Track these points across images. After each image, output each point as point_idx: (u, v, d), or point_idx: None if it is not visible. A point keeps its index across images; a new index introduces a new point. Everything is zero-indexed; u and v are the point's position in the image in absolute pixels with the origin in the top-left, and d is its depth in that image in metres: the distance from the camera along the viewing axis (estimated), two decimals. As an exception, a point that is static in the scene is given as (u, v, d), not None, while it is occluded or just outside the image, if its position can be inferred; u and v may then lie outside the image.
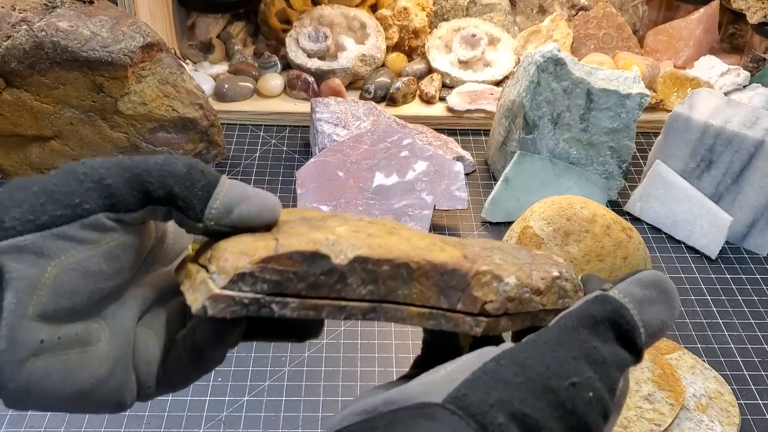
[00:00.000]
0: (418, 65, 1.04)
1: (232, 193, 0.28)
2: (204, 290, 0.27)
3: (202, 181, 0.28)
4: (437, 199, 0.77)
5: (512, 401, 0.23)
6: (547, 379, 0.23)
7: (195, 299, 0.27)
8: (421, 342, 0.35)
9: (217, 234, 0.29)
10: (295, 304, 0.27)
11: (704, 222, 0.77)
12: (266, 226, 0.29)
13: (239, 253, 0.27)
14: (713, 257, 0.76)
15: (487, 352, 0.25)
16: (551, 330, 0.25)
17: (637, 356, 0.26)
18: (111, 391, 0.28)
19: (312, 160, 0.81)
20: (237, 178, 0.86)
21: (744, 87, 0.99)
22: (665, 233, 0.80)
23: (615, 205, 0.83)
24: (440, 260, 0.27)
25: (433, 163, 0.80)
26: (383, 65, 1.04)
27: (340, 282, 0.27)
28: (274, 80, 0.99)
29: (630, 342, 0.25)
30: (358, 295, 0.27)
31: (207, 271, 0.28)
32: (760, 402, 0.61)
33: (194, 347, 0.30)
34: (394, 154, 0.80)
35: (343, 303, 0.27)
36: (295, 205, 0.80)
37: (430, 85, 1.00)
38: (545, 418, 0.23)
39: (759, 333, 0.68)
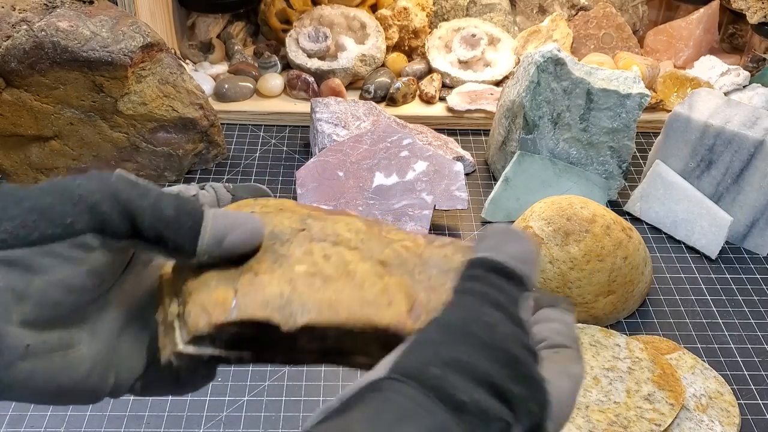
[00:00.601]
0: (418, 65, 1.04)
1: (218, 226, 0.30)
2: (171, 341, 0.30)
3: (190, 221, 0.29)
4: (437, 199, 0.77)
5: (442, 354, 0.26)
6: (465, 326, 0.26)
7: (164, 346, 0.30)
8: None
9: (210, 264, 0.31)
10: (249, 356, 0.31)
11: (704, 222, 0.77)
12: (253, 248, 0.32)
13: (201, 309, 0.30)
14: (713, 257, 0.76)
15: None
16: (451, 299, 0.28)
17: (522, 285, 0.29)
18: (87, 390, 0.30)
19: (312, 160, 0.81)
20: (237, 178, 0.86)
21: (744, 87, 0.99)
22: (665, 233, 0.80)
23: (615, 205, 0.83)
24: (384, 323, 0.30)
25: (433, 163, 0.80)
26: (383, 65, 1.04)
27: (291, 341, 0.30)
28: (274, 80, 0.99)
29: (509, 277, 0.29)
30: (307, 349, 0.31)
31: (177, 307, 0.31)
32: (760, 402, 0.61)
33: (171, 373, 0.31)
34: (394, 154, 0.80)
35: (294, 356, 0.31)
36: None
37: (430, 85, 1.00)
38: (476, 358, 0.26)
39: (759, 333, 0.68)
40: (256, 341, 0.30)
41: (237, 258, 0.31)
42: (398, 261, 0.34)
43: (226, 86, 0.98)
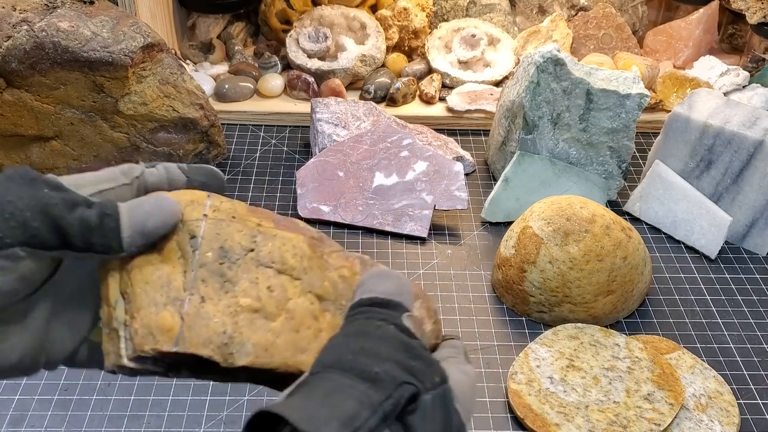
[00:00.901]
0: (418, 65, 1.04)
1: (135, 219, 0.33)
2: (115, 350, 0.33)
3: (111, 222, 0.32)
4: (437, 199, 0.78)
5: (350, 347, 0.32)
6: (361, 331, 0.33)
7: (107, 352, 0.34)
8: None
9: (140, 251, 0.34)
10: (187, 374, 0.35)
11: (704, 222, 0.77)
12: (173, 227, 0.35)
13: (147, 332, 0.33)
14: (713, 257, 0.76)
15: None
16: (344, 323, 0.35)
17: (400, 308, 0.35)
18: (20, 370, 0.33)
19: (312, 160, 0.81)
20: (237, 178, 0.86)
21: (743, 87, 0.99)
22: (665, 233, 0.80)
23: (614, 205, 0.84)
24: (305, 369, 0.35)
25: (432, 163, 0.80)
26: (383, 65, 1.04)
27: (228, 371, 0.34)
28: (275, 80, 1.00)
29: (387, 306, 0.35)
30: (242, 377, 0.35)
31: (123, 313, 0.34)
32: (759, 401, 0.61)
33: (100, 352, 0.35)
34: (394, 154, 0.80)
35: (230, 379, 0.35)
36: (295, 205, 0.80)
37: (430, 86, 1.00)
38: (377, 346, 0.32)
39: (758, 333, 0.68)
40: (196, 365, 0.34)
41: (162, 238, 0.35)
42: (334, 294, 0.38)
43: (227, 86, 0.98)
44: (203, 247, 0.35)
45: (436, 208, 0.78)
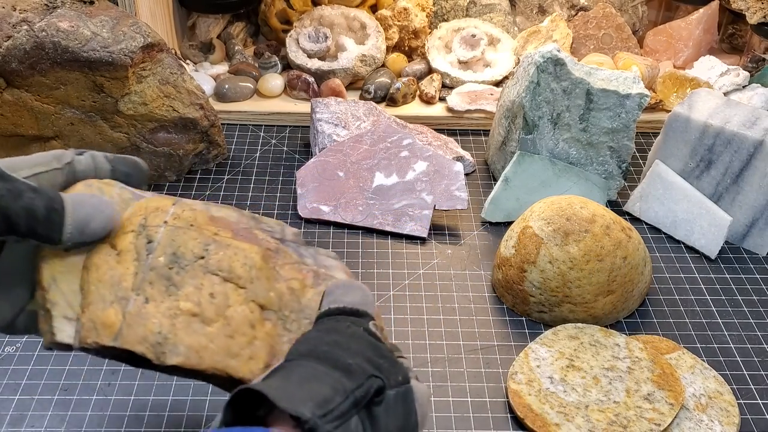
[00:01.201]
0: (418, 65, 1.04)
1: (79, 218, 0.37)
2: (49, 330, 0.37)
3: (57, 217, 0.36)
4: (437, 199, 0.78)
5: (325, 340, 0.36)
6: (332, 328, 0.38)
7: (44, 332, 0.38)
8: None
9: (75, 246, 0.38)
10: (123, 364, 0.40)
11: (704, 222, 0.77)
12: (109, 233, 0.39)
13: (92, 326, 0.37)
14: (713, 257, 0.76)
15: None
16: (314, 326, 0.39)
17: (366, 316, 0.39)
18: None
19: (312, 160, 0.81)
20: (237, 178, 0.86)
21: (743, 87, 1.00)
22: (665, 233, 0.80)
23: (614, 205, 0.84)
24: (239, 375, 0.38)
25: (433, 163, 0.80)
26: (383, 65, 1.04)
27: (162, 367, 0.38)
28: (275, 80, 1.00)
29: (353, 314, 0.39)
30: (175, 373, 0.38)
31: (55, 295, 0.38)
32: (759, 401, 0.61)
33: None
34: (394, 154, 0.80)
35: (164, 372, 0.38)
36: (295, 205, 0.80)
37: (430, 86, 1.00)
38: (349, 342, 0.36)
39: (758, 333, 0.68)
40: (134, 359, 0.38)
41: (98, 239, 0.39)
42: (278, 305, 0.40)
43: (227, 86, 0.98)
44: (157, 251, 0.39)
45: (436, 208, 0.78)
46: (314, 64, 1.00)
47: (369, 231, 0.78)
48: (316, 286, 0.42)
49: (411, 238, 0.77)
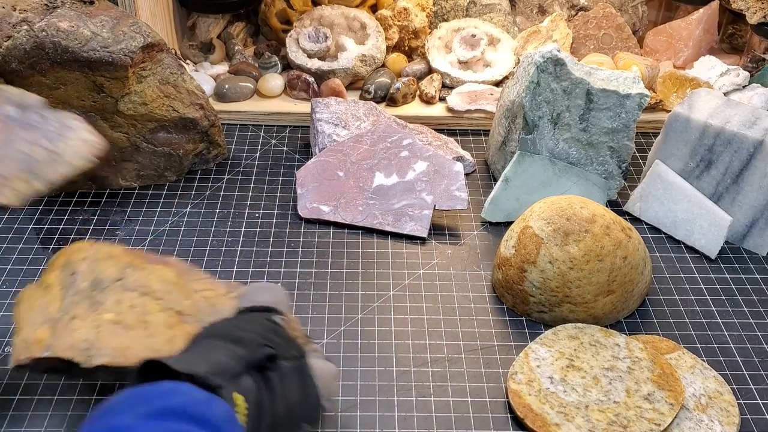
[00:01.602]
0: (418, 65, 1.04)
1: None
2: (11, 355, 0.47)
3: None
4: (437, 199, 0.78)
5: (227, 325, 0.43)
6: (239, 316, 0.45)
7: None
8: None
9: None
10: (63, 377, 0.45)
11: (704, 222, 0.77)
12: None
13: (24, 345, 0.43)
14: (713, 257, 0.76)
15: None
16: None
17: (275, 312, 0.45)
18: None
19: (312, 160, 0.82)
20: (237, 178, 0.86)
21: (743, 87, 1.00)
22: (665, 233, 0.80)
23: (614, 205, 0.84)
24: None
25: (433, 163, 0.80)
26: (383, 65, 1.04)
27: (90, 371, 0.44)
28: (275, 80, 1.00)
29: (265, 311, 0.45)
30: (104, 376, 0.45)
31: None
32: (759, 401, 0.61)
33: None
34: (394, 154, 0.81)
35: (94, 379, 0.46)
36: (295, 205, 0.80)
37: (430, 86, 1.00)
38: (249, 324, 0.43)
39: (758, 333, 0.68)
40: (66, 368, 0.43)
41: None
42: (194, 310, 0.47)
43: (227, 86, 0.98)
44: (80, 279, 0.46)
45: (436, 208, 0.78)
46: (314, 64, 1.00)
47: (369, 231, 0.78)
48: (229, 293, 0.49)
49: (411, 238, 0.77)
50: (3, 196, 0.55)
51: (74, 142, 0.61)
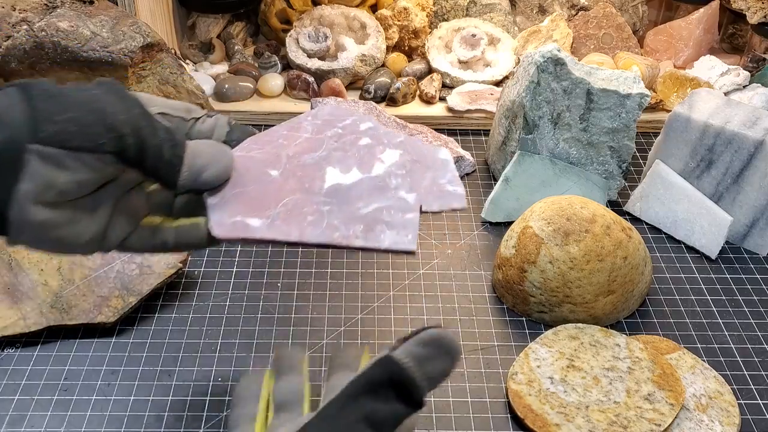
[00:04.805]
0: (418, 65, 1.04)
1: (196, 166, 0.39)
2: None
3: (176, 161, 0.38)
4: (423, 197, 0.52)
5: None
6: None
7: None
8: None
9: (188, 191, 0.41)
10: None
11: (704, 222, 0.77)
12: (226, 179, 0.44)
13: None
14: (713, 257, 0.76)
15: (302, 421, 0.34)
16: (339, 399, 0.32)
17: (416, 407, 0.33)
18: (82, 251, 0.40)
19: None
20: (237, 178, 0.86)
21: (744, 87, 0.99)
22: (665, 233, 0.80)
23: (615, 205, 0.83)
24: None
25: (408, 151, 0.54)
26: (383, 65, 1.04)
27: None
28: (275, 80, 1.00)
29: (408, 396, 0.32)
30: None
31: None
32: (760, 402, 0.61)
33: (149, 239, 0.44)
34: (350, 143, 0.55)
35: None
36: None
37: (430, 85, 1.00)
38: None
39: (759, 333, 0.68)
40: None
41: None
42: None
43: (227, 86, 0.98)
44: None
45: (423, 210, 0.52)
46: (314, 63, 1.00)
47: (329, 249, 0.50)
48: None
49: (395, 253, 0.53)
50: (103, 315, 0.64)
51: (162, 254, 0.67)
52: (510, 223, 0.78)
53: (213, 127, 0.43)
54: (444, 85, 1.02)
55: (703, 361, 0.63)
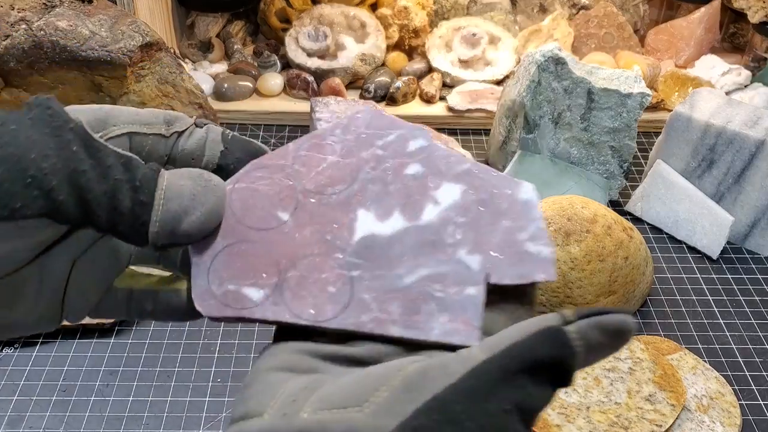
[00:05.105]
0: (418, 64, 1.03)
1: (170, 213, 0.27)
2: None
3: (144, 215, 0.27)
4: (492, 262, 0.32)
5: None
6: None
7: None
8: None
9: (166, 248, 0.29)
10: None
11: (705, 222, 0.77)
12: (214, 227, 0.29)
13: None
14: (714, 257, 0.76)
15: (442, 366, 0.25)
16: (490, 371, 0.24)
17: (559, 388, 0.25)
18: (39, 329, 0.30)
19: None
20: (237, 178, 0.86)
21: (745, 86, 0.99)
22: (666, 233, 0.80)
23: (616, 205, 0.83)
24: None
25: (473, 185, 0.35)
26: (383, 64, 1.04)
27: None
28: (274, 79, 0.99)
29: (560, 382, 0.25)
30: None
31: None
32: (761, 403, 0.61)
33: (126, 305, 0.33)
34: (393, 171, 0.36)
35: None
36: None
37: (431, 85, 0.99)
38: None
39: (760, 333, 0.68)
40: None
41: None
42: None
43: (226, 86, 0.97)
44: None
45: (491, 282, 0.31)
46: (314, 63, 1.00)
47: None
48: None
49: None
50: None
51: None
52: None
53: (202, 145, 0.31)
54: (444, 85, 1.02)
55: (705, 361, 0.63)
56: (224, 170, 0.32)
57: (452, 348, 0.27)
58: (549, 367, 0.24)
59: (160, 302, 0.33)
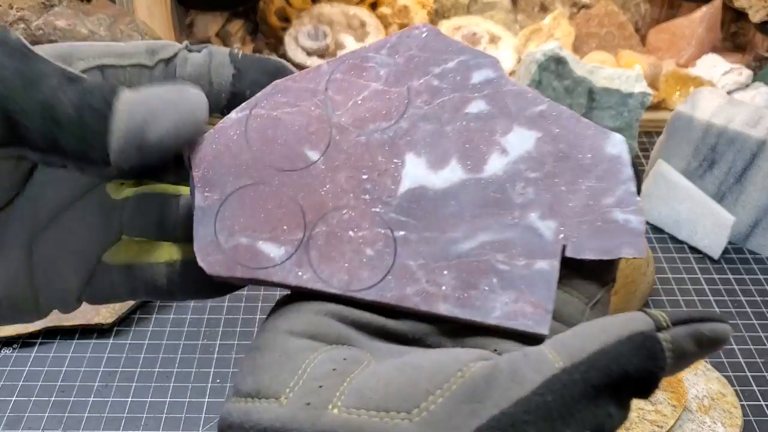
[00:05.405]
0: (418, 64, 1.03)
1: (136, 118, 0.21)
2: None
3: (94, 120, 0.20)
4: (570, 229, 0.25)
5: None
6: None
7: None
8: None
9: (139, 174, 0.23)
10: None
11: (707, 222, 0.77)
12: (191, 137, 0.23)
13: None
14: (716, 257, 0.76)
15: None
16: (572, 381, 0.19)
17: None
18: (9, 320, 0.25)
19: (233, 116, 0.25)
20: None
21: (747, 86, 0.99)
22: (667, 233, 0.80)
23: (617, 205, 0.83)
24: None
25: (551, 132, 0.26)
26: (383, 64, 1.04)
27: None
28: (274, 79, 0.99)
29: (639, 396, 0.21)
30: None
31: None
32: (762, 403, 0.61)
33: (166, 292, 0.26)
34: (452, 108, 0.26)
35: None
36: None
37: (431, 84, 0.99)
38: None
39: (762, 334, 0.67)
40: None
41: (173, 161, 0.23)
42: None
43: (226, 85, 0.97)
44: None
45: (567, 255, 0.24)
46: (313, 62, 1.00)
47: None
48: None
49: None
50: (100, 316, 0.55)
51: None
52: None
53: (207, 71, 0.25)
54: (444, 84, 1.02)
55: (706, 362, 0.63)
56: (240, 99, 0.25)
57: (514, 335, 0.23)
58: (635, 381, 0.20)
59: (174, 277, 0.26)
